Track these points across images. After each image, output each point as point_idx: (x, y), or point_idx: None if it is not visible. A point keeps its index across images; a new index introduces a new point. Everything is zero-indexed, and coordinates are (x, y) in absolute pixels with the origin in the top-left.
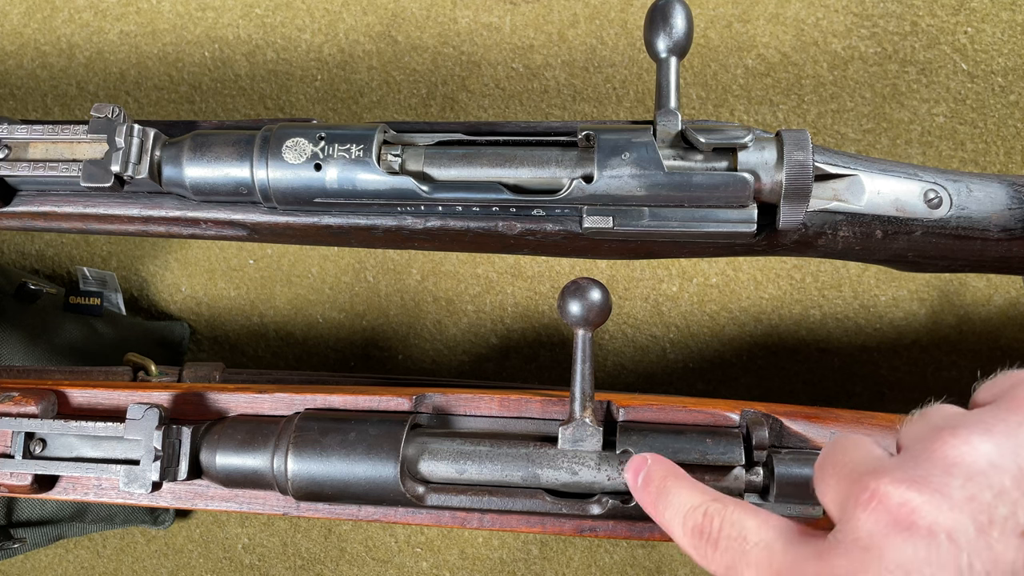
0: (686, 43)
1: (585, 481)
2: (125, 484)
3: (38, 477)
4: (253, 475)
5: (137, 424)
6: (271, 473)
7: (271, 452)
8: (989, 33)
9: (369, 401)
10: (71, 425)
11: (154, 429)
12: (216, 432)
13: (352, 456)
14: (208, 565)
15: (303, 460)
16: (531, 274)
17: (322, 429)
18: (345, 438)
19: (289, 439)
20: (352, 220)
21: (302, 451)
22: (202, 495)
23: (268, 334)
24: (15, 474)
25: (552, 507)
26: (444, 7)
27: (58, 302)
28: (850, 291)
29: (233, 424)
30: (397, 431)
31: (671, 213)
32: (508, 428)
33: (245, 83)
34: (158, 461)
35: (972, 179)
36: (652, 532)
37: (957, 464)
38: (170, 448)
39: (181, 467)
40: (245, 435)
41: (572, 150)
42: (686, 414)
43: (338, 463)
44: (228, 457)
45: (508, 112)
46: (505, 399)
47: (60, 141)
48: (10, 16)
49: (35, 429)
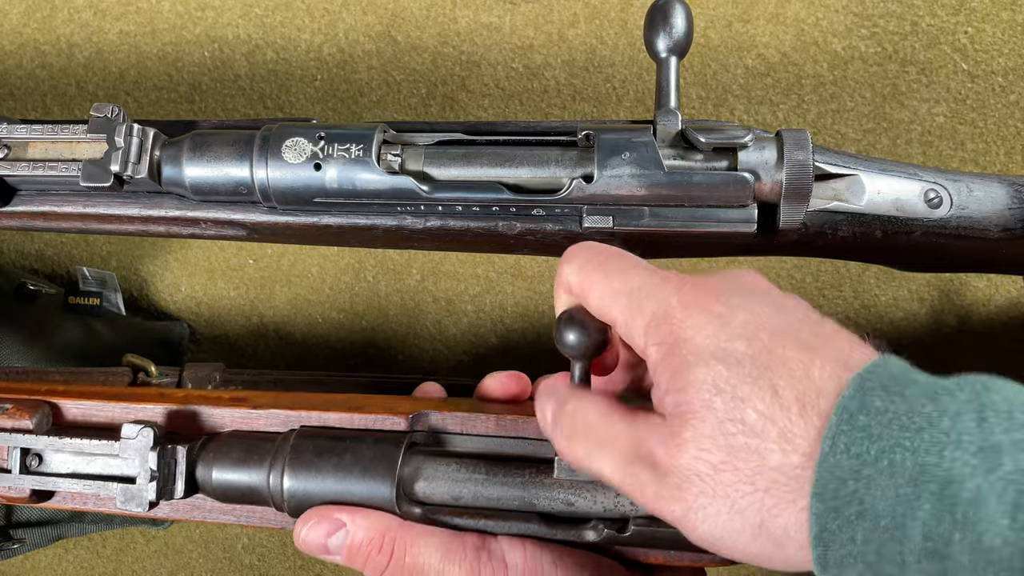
0: (686, 43)
1: (581, 511)
2: (122, 502)
3: (35, 491)
4: (249, 492)
5: (131, 444)
6: (267, 491)
7: (267, 471)
8: (989, 33)
9: (365, 420)
10: (66, 442)
11: (148, 450)
12: (212, 450)
13: (348, 478)
14: (208, 565)
15: (299, 480)
16: (531, 274)
17: (317, 449)
18: (341, 460)
19: (285, 459)
20: (352, 220)
21: (297, 472)
22: (199, 507)
23: (268, 334)
24: (13, 488)
25: (548, 533)
26: (444, 7)
27: (57, 302)
28: (850, 291)
29: (228, 442)
30: (393, 452)
31: (671, 213)
32: (504, 448)
33: (245, 83)
34: (154, 482)
35: (972, 179)
36: (647, 556)
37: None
38: (165, 468)
39: (177, 486)
40: (241, 453)
41: (572, 150)
42: None
43: (334, 484)
44: (224, 474)
45: (508, 112)
46: (501, 419)
47: (60, 141)
48: (9, 16)
49: (30, 445)
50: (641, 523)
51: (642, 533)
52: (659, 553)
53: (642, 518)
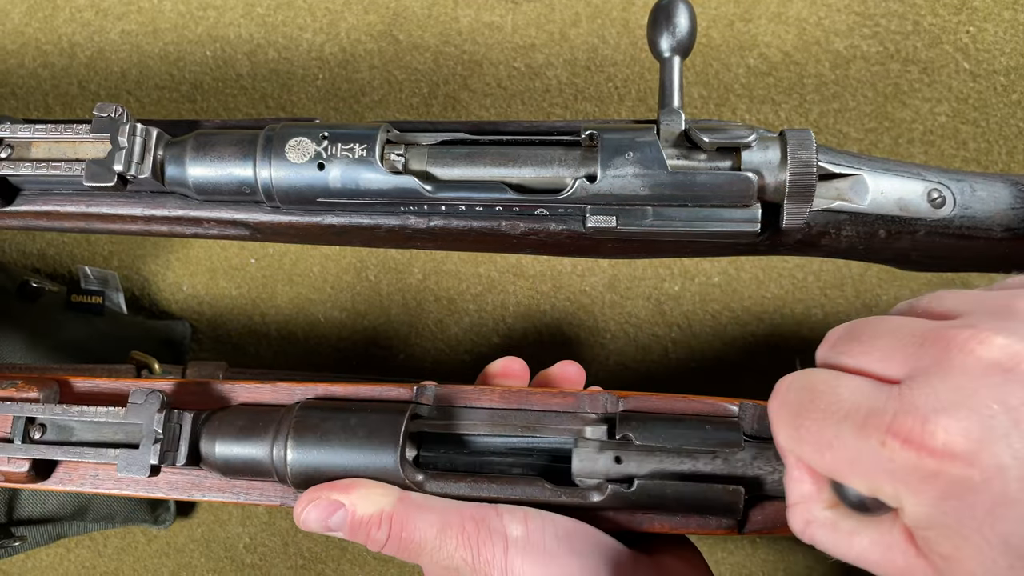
0: (689, 42)
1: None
2: (123, 467)
3: (35, 464)
4: (252, 462)
5: (139, 408)
6: (270, 459)
7: (271, 437)
8: (991, 32)
9: (371, 390)
10: (72, 409)
11: (155, 412)
12: (217, 419)
13: (352, 441)
14: (209, 565)
15: (303, 444)
16: (533, 273)
17: (323, 415)
18: (346, 423)
19: (290, 424)
20: (355, 219)
21: (302, 435)
22: (199, 485)
23: (270, 333)
24: (13, 459)
25: (552, 495)
26: (446, 6)
27: (60, 301)
28: (852, 291)
29: (234, 411)
30: (397, 418)
31: (675, 212)
32: (508, 420)
33: (247, 82)
34: (158, 444)
35: (975, 178)
36: (652, 523)
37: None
38: (170, 432)
39: (180, 451)
40: (246, 421)
41: (575, 149)
42: (684, 404)
43: (338, 447)
44: (228, 442)
45: (510, 111)
46: (506, 392)
47: (63, 140)
48: (11, 15)
49: (36, 414)
50: (646, 479)
51: (647, 490)
52: (664, 519)
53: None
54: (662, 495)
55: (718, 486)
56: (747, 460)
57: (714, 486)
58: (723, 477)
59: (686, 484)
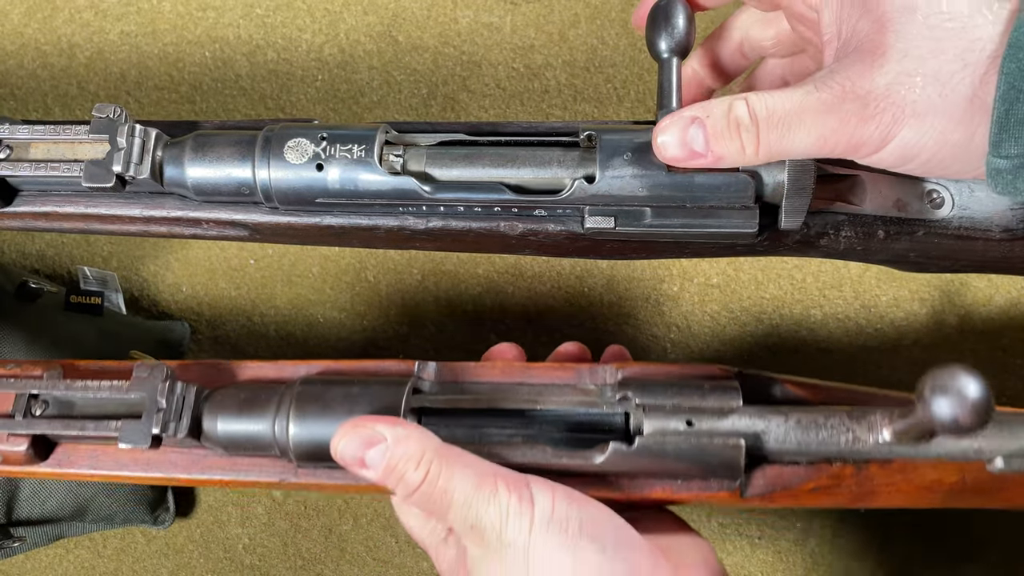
0: (688, 43)
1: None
2: (125, 438)
3: (34, 442)
4: (254, 435)
5: (143, 381)
6: (272, 431)
7: (274, 408)
8: None
9: (375, 366)
10: (76, 384)
11: (160, 383)
12: (219, 393)
13: (355, 410)
14: (209, 565)
15: (305, 415)
16: (531, 274)
17: (325, 386)
18: (348, 392)
19: (293, 395)
20: (354, 220)
21: (305, 405)
22: (199, 463)
23: (269, 334)
24: (12, 436)
25: (553, 457)
26: (445, 7)
27: (59, 301)
28: (851, 291)
29: (237, 385)
30: (399, 389)
31: (673, 213)
32: (509, 394)
33: (246, 83)
34: (160, 412)
35: (974, 179)
36: (653, 488)
37: None
38: (174, 403)
39: (183, 421)
40: (249, 394)
41: (574, 150)
42: (680, 370)
43: (342, 416)
44: (230, 415)
45: (509, 112)
46: (507, 367)
47: (62, 141)
48: (10, 16)
49: (39, 390)
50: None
51: (648, 447)
52: (665, 484)
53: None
54: (662, 451)
55: (718, 440)
56: (747, 417)
57: (714, 440)
58: (723, 432)
59: (686, 438)
